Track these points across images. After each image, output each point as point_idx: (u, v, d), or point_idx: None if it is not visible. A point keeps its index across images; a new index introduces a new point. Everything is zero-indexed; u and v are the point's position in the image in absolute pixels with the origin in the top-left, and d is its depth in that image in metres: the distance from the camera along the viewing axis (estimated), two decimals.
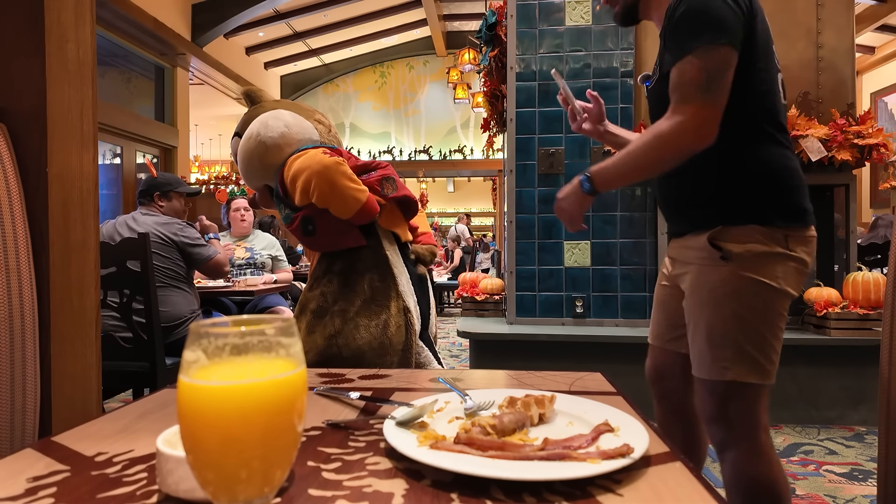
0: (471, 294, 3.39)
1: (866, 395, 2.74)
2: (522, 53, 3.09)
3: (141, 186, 2.65)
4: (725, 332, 1.17)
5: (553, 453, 0.56)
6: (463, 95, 8.13)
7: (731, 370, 1.16)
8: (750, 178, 1.18)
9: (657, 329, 1.44)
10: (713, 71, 1.11)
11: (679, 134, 1.13)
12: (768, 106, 1.20)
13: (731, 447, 1.20)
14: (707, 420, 1.24)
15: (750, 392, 1.17)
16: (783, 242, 1.16)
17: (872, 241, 5.10)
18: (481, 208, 14.43)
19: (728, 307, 1.16)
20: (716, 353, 1.18)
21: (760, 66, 1.19)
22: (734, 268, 1.16)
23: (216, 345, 0.38)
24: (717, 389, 1.19)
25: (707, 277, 1.20)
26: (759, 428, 1.18)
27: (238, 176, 8.85)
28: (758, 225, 1.16)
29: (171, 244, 2.46)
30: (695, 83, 1.11)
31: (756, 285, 1.15)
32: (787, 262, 1.16)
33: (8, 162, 1.04)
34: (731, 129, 1.17)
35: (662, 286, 1.41)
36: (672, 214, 1.33)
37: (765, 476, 1.16)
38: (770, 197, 1.17)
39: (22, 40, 1.09)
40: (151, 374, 2.20)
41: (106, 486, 0.53)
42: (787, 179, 1.19)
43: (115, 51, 6.97)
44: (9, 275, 1.00)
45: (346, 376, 0.98)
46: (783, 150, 1.21)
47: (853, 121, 2.74)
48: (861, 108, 4.07)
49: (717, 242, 1.18)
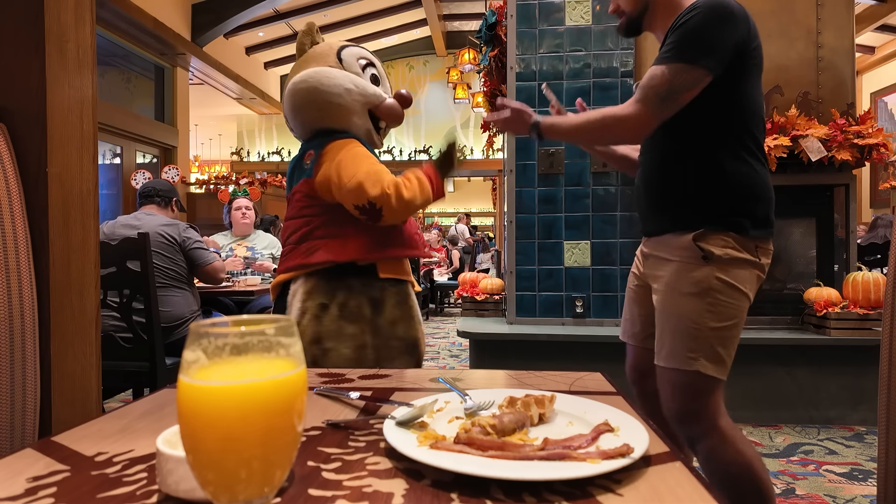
0: (471, 294, 3.39)
1: (866, 395, 2.74)
2: (522, 53, 3.09)
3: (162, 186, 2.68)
4: (697, 326, 1.25)
5: (553, 453, 0.56)
6: (463, 95, 8.13)
7: (696, 361, 1.25)
8: (732, 189, 1.28)
9: (632, 327, 1.50)
10: (677, 86, 1.22)
11: (624, 123, 1.28)
12: (758, 126, 1.31)
13: (700, 440, 1.29)
14: (674, 418, 1.32)
15: (710, 385, 1.26)
16: (753, 251, 1.27)
17: (872, 240, 5.10)
18: (481, 208, 14.44)
19: (702, 303, 1.25)
20: (685, 343, 1.26)
21: (755, 90, 1.30)
22: (712, 268, 1.25)
23: (216, 345, 0.38)
24: (681, 380, 1.28)
25: (686, 274, 1.28)
26: (719, 415, 1.28)
27: (238, 176, 8.83)
28: (734, 233, 1.26)
29: (175, 245, 2.48)
30: (657, 90, 1.24)
31: (729, 287, 1.25)
32: (752, 269, 1.27)
33: (8, 162, 1.04)
34: (720, 142, 1.28)
35: (636, 286, 1.49)
36: (653, 214, 1.39)
37: (739, 459, 1.25)
38: (746, 208, 1.27)
39: (22, 40, 1.09)
40: (151, 374, 2.20)
41: (106, 486, 0.53)
42: (762, 192, 1.29)
43: (115, 51, 6.97)
44: (9, 275, 1.00)
45: (346, 376, 0.98)
46: (761, 166, 1.31)
47: (853, 121, 2.74)
48: (861, 107, 4.07)
49: (699, 244, 1.26)
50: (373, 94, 1.40)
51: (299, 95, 1.38)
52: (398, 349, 1.36)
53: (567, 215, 3.06)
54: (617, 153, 1.57)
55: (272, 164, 12.57)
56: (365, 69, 1.44)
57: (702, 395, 1.27)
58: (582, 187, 3.05)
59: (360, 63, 1.43)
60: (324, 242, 1.32)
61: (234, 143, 13.23)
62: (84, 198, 1.18)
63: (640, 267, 1.46)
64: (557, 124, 1.41)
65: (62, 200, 1.12)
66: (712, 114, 1.27)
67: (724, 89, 1.26)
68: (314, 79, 1.37)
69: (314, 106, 1.37)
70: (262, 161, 12.90)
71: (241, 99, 10.77)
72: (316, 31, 1.52)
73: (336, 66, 1.40)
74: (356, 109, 1.39)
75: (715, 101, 1.26)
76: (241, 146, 13.19)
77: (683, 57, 1.22)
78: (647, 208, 1.41)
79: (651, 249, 1.40)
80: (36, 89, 1.08)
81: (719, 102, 1.27)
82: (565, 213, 3.06)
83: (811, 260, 3.02)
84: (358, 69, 1.42)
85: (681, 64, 1.22)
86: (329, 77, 1.37)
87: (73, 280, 1.15)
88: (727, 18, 1.22)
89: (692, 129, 1.30)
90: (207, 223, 6.82)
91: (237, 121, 12.97)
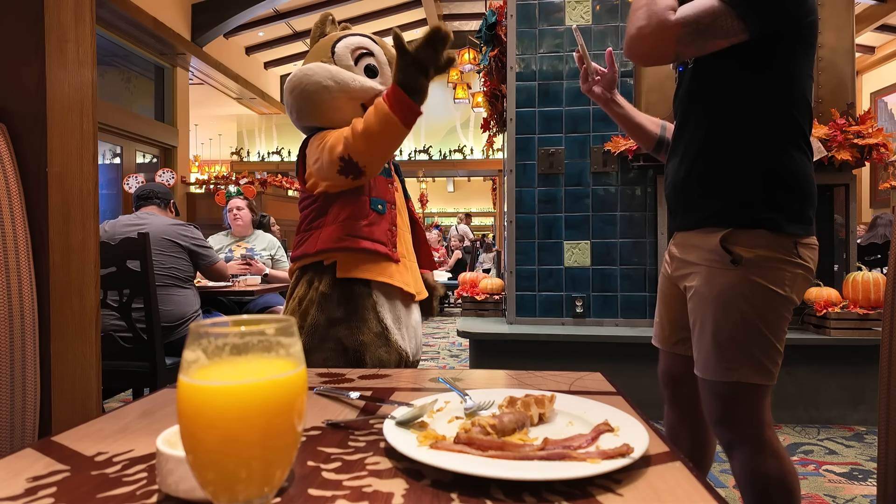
0: (471, 294, 3.39)
1: (866, 394, 2.74)
2: (522, 53, 3.09)
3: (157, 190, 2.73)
4: (733, 335, 1.17)
5: (553, 453, 0.56)
6: (463, 95, 8.14)
7: (736, 371, 1.17)
8: (771, 181, 1.17)
9: (662, 332, 1.42)
10: (715, 30, 1.11)
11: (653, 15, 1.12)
12: (803, 114, 1.20)
13: (738, 446, 1.22)
14: (713, 422, 1.25)
15: (754, 392, 1.18)
16: (793, 249, 1.16)
17: (872, 240, 5.10)
18: (481, 208, 14.44)
19: (737, 310, 1.17)
20: (722, 354, 1.18)
21: (806, 74, 1.19)
22: (744, 272, 1.16)
23: (216, 345, 0.38)
24: (721, 390, 1.20)
25: (716, 280, 1.19)
26: (764, 425, 1.20)
27: (238, 176, 8.83)
28: (766, 230, 1.16)
29: (180, 245, 2.52)
30: (699, 20, 1.11)
31: (764, 290, 1.15)
32: (794, 269, 1.16)
33: (8, 162, 1.04)
34: (770, 128, 1.17)
35: (665, 288, 1.40)
36: (683, 207, 1.30)
37: (774, 471, 1.18)
38: (786, 203, 1.16)
39: (22, 40, 1.09)
40: (151, 374, 2.20)
41: (106, 486, 0.53)
42: (805, 187, 1.18)
43: (115, 50, 6.97)
44: (9, 275, 1.00)
45: (346, 376, 0.98)
46: (805, 157, 1.19)
47: (853, 121, 2.74)
48: (861, 107, 4.07)
49: (727, 246, 1.17)
50: (358, 89, 1.33)
51: (286, 93, 1.38)
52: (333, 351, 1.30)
53: (567, 215, 3.06)
54: (634, 120, 1.46)
55: (272, 164, 12.59)
56: (359, 60, 1.38)
57: (744, 403, 1.19)
58: (582, 187, 3.05)
59: (356, 54, 1.38)
60: (308, 235, 1.36)
61: (233, 143, 13.24)
62: (84, 198, 1.18)
63: (669, 269, 1.37)
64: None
65: (62, 200, 1.12)
66: (758, 98, 1.17)
67: (774, 70, 1.16)
68: (297, 77, 1.35)
69: (298, 103, 1.36)
70: (262, 161, 12.91)
71: (240, 99, 10.78)
72: (327, 23, 1.47)
73: (328, 60, 1.37)
74: (339, 105, 1.33)
75: (762, 82, 1.16)
76: (240, 146, 13.20)
77: (740, 8, 1.09)
78: (675, 200, 1.32)
79: (679, 250, 1.32)
80: (36, 89, 1.08)
81: (767, 84, 1.16)
82: (565, 212, 3.06)
83: None
84: (350, 61, 1.37)
85: (730, 9, 1.09)
86: (309, 74, 1.33)
87: (72, 280, 1.15)
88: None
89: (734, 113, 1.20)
90: (207, 223, 6.82)
91: (237, 121, 12.98)
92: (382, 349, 1.32)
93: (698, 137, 1.24)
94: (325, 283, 1.31)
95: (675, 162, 1.30)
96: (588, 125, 3.05)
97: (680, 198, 1.29)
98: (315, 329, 1.30)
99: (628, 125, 1.47)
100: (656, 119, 1.48)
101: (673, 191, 1.31)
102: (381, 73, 1.41)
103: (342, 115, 1.33)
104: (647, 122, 1.46)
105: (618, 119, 1.47)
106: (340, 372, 1.02)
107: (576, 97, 3.03)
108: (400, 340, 1.37)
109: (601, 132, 3.02)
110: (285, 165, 12.44)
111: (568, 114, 3.06)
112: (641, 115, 1.47)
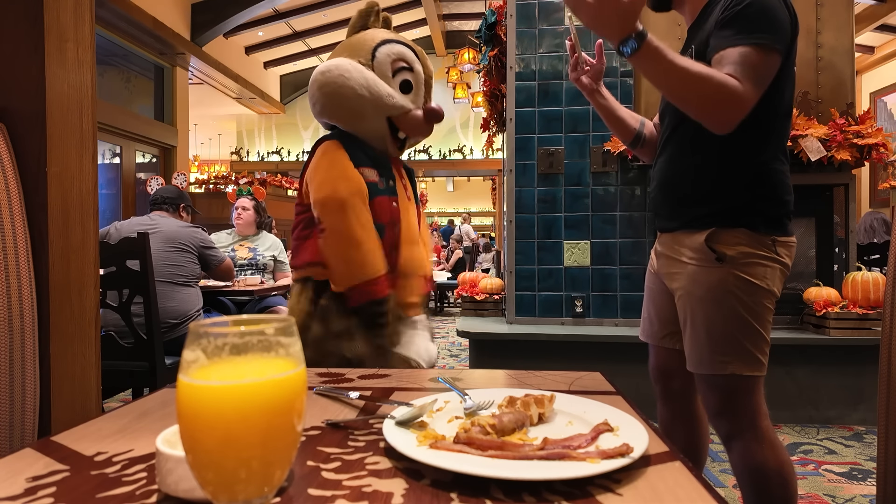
0: (470, 294, 3.39)
1: (866, 394, 2.74)
2: (522, 53, 3.09)
3: (169, 194, 2.82)
4: (725, 329, 1.23)
5: (553, 453, 0.56)
6: (462, 95, 8.14)
7: (730, 364, 1.22)
8: (755, 193, 1.23)
9: (650, 327, 1.47)
10: (767, 73, 1.14)
11: (729, 95, 1.08)
12: (787, 128, 1.27)
13: (736, 437, 1.27)
14: (713, 414, 1.30)
15: (748, 383, 1.24)
16: (771, 247, 1.23)
17: (872, 240, 5.10)
18: (481, 208, 14.45)
19: (726, 305, 1.22)
20: (716, 348, 1.24)
21: (789, 88, 1.24)
22: (728, 268, 1.22)
23: (216, 344, 0.38)
24: (718, 383, 1.25)
25: (704, 278, 1.25)
26: (760, 415, 1.25)
27: (238, 175, 8.83)
28: (746, 229, 1.23)
29: (191, 247, 2.59)
30: (757, 71, 1.11)
31: (749, 284, 1.22)
32: (773, 264, 1.24)
33: (7, 162, 1.03)
34: (756, 138, 1.22)
35: (652, 284, 1.45)
36: (668, 209, 1.35)
37: (771, 461, 1.23)
38: (764, 208, 1.24)
39: (21, 40, 1.09)
40: (151, 373, 2.21)
41: (105, 486, 0.53)
42: (783, 195, 1.25)
43: (114, 50, 6.97)
44: (8, 275, 1.00)
45: (346, 376, 0.98)
46: (785, 167, 1.26)
47: (853, 120, 2.74)
48: (860, 107, 4.07)
49: (711, 245, 1.23)
50: (390, 105, 1.32)
51: (316, 85, 1.33)
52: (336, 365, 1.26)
53: (567, 215, 3.06)
54: (616, 113, 1.48)
55: (272, 164, 12.58)
56: (397, 73, 1.35)
57: (740, 394, 1.24)
58: (582, 187, 3.05)
59: (396, 66, 1.35)
60: (302, 242, 1.33)
61: (233, 143, 13.24)
62: (84, 197, 1.18)
63: (655, 265, 1.42)
64: (663, 50, 1.10)
65: (62, 200, 1.12)
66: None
67: None
68: (332, 74, 1.30)
69: (326, 101, 1.33)
70: (262, 161, 12.91)
71: (240, 98, 10.78)
72: (371, 14, 1.41)
73: (367, 63, 1.33)
74: (367, 114, 1.32)
75: None
76: (240, 146, 13.20)
77: (766, 40, 1.11)
78: (661, 203, 1.37)
79: (665, 248, 1.37)
80: (35, 89, 1.08)
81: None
82: (565, 212, 3.06)
83: (811, 259, 3.02)
84: (388, 71, 1.34)
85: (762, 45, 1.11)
86: (346, 76, 1.29)
87: (72, 280, 1.15)
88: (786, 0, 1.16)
89: None
90: (207, 223, 6.79)
91: (237, 120, 12.98)
92: (385, 361, 1.30)
93: (685, 145, 1.29)
94: (325, 296, 1.29)
95: (662, 164, 1.36)
96: (588, 125, 3.05)
97: (666, 201, 1.35)
98: (317, 343, 1.28)
99: (610, 117, 1.51)
100: (636, 115, 1.52)
101: (659, 192, 1.37)
102: (415, 90, 1.38)
103: (367, 123, 1.33)
104: (628, 116, 1.51)
105: (601, 110, 1.50)
106: (340, 372, 1.02)
107: (575, 97, 3.03)
108: (404, 351, 1.34)
109: (601, 132, 3.02)
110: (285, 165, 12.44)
111: (568, 114, 3.06)
112: (623, 109, 1.51)
